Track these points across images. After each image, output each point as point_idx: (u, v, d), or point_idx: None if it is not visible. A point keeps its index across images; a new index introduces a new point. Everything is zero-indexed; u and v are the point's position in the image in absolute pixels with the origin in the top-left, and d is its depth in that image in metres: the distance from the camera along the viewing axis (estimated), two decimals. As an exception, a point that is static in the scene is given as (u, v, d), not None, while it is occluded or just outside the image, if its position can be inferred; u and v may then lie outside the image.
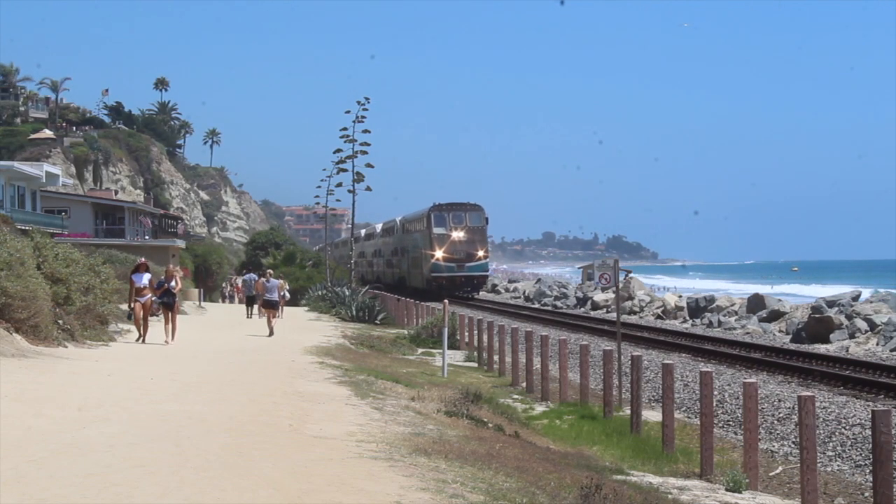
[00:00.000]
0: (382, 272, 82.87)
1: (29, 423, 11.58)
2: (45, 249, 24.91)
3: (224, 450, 10.61)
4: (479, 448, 11.81)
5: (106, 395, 14.75)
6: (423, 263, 63.20)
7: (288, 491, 8.65)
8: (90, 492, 8.26)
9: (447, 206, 62.73)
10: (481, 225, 63.14)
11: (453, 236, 61.08)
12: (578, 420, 19.26)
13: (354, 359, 24.96)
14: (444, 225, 61.68)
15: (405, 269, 70.73)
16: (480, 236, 62.74)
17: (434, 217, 62.00)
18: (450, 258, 60.76)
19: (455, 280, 61.10)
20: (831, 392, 20.00)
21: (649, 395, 21.22)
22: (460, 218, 62.14)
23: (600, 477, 11.35)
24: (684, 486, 13.43)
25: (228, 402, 14.89)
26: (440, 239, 61.13)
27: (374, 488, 8.70)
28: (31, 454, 9.75)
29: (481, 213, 63.52)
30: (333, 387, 17.71)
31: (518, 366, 25.10)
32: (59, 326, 22.64)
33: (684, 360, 25.03)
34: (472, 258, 61.34)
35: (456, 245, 60.94)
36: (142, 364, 20.36)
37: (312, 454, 10.54)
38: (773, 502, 13.21)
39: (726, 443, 17.24)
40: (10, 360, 17.46)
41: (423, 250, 63.18)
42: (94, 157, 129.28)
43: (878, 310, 37.98)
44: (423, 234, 63.42)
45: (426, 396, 17.21)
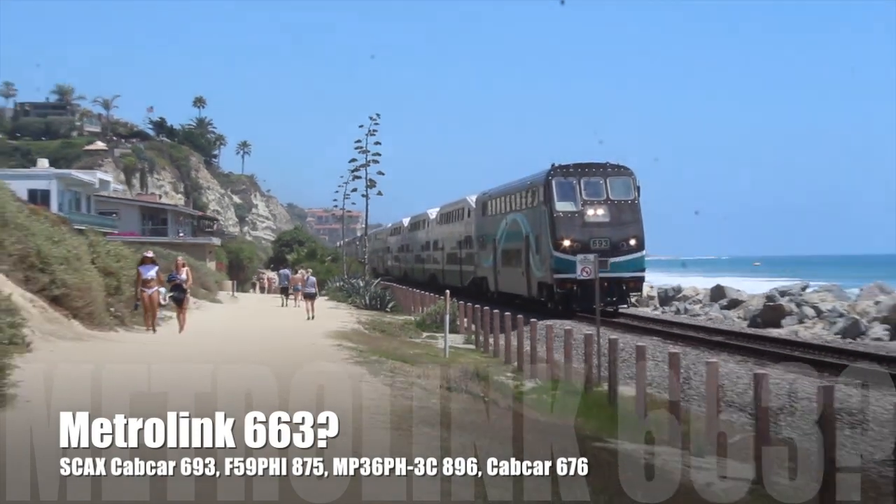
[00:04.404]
0: (439, 270, 55.06)
1: (84, 396, 11.60)
2: (98, 246, 24.94)
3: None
4: (477, 419, 11.82)
5: (152, 371, 14.75)
6: (533, 258, 35.32)
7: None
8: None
9: (576, 168, 34.23)
10: (631, 197, 33.82)
11: (588, 215, 33.37)
12: (563, 395, 19.24)
13: (368, 342, 24.95)
14: (572, 197, 33.66)
15: (490, 267, 41.95)
16: (631, 215, 33.58)
17: (557, 185, 33.69)
18: (584, 249, 30.68)
19: (593, 284, 26.59)
20: (783, 370, 19.99)
21: (624, 374, 21.19)
22: (597, 187, 33.78)
23: (582, 444, 11.37)
24: (655, 452, 13.45)
25: (257, 381, 14.88)
26: (567, 220, 33.35)
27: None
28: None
29: (630, 178, 34.20)
30: (350, 366, 17.71)
31: (510, 348, 25.10)
32: (110, 314, 22.70)
33: (655, 343, 25.00)
34: (620, 249, 33.00)
35: (593, 229, 33.23)
36: (184, 346, 20.36)
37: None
38: (731, 466, 13.22)
39: (691, 414, 17.23)
40: (68, 343, 17.50)
41: (533, 238, 35.30)
42: (141, 166, 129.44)
43: (824, 299, 38.06)
44: (535, 212, 35.12)
45: (430, 374, 17.20)
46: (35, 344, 13.75)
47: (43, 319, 18.03)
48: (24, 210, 23.06)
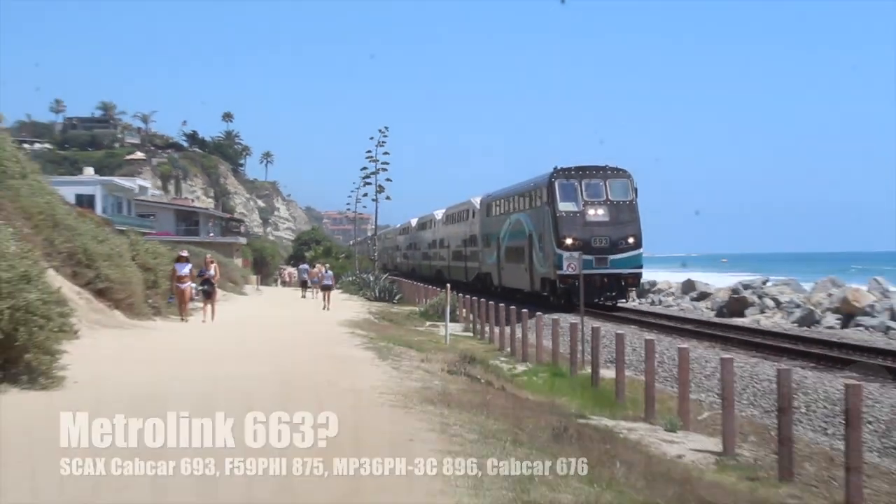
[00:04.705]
0: (445, 267, 53.82)
1: (126, 377, 11.61)
2: (137, 245, 24.96)
3: (273, 398, 10.62)
4: (474, 398, 11.82)
5: (188, 356, 14.78)
6: (536, 255, 34.02)
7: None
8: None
9: (577, 170, 32.81)
10: (629, 198, 32.49)
11: (589, 215, 32.07)
12: (550, 377, 19.25)
13: (377, 329, 24.97)
14: (573, 198, 32.34)
15: (494, 264, 40.57)
16: (629, 214, 32.34)
17: (560, 187, 32.29)
18: (585, 247, 30.24)
19: (593, 280, 30.61)
20: (746, 354, 19.97)
21: (605, 358, 21.16)
22: (597, 188, 32.49)
23: (567, 420, 11.38)
24: (632, 428, 13.46)
25: (281, 361, 14.92)
26: (569, 220, 31.98)
27: (392, 429, 8.72)
28: (118, 396, 9.76)
29: (628, 180, 32.82)
30: (361, 351, 17.73)
31: (504, 335, 25.10)
32: (148, 305, 22.71)
33: (632, 331, 24.97)
34: (619, 247, 31.74)
35: (593, 228, 31.89)
36: (214, 331, 20.39)
37: (345, 403, 10.55)
38: (700, 440, 13.23)
39: (665, 394, 17.21)
40: (111, 330, 17.54)
41: (536, 236, 34.05)
42: (175, 174, 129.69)
43: (783, 291, 38.00)
44: (538, 212, 33.86)
45: (433, 359, 17.22)
46: (82, 332, 13.76)
47: (89, 310, 18.05)
48: (73, 213, 23.06)
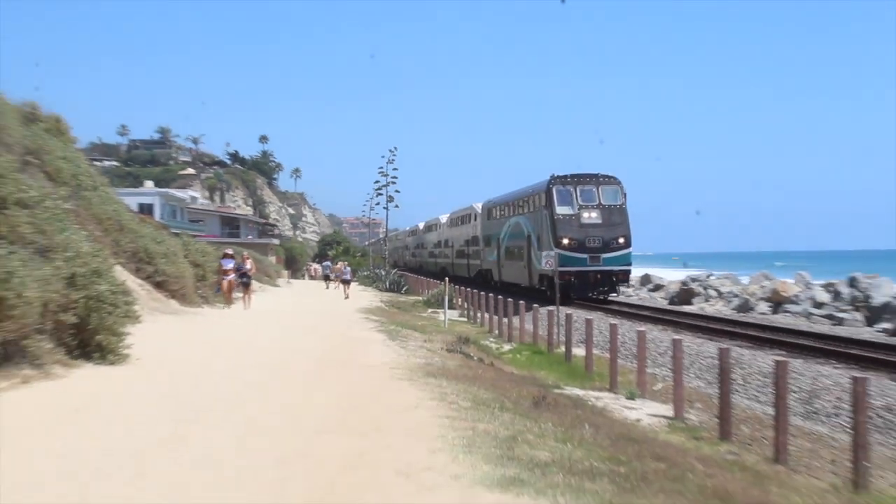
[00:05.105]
0: (449, 264, 51.72)
1: (181, 354, 11.62)
2: (189, 245, 24.99)
3: (301, 373, 10.66)
4: (468, 373, 11.86)
5: (231, 336, 14.79)
6: (535, 254, 31.93)
7: (340, 397, 8.70)
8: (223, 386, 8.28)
9: (572, 178, 31.07)
10: (620, 203, 30.68)
11: (584, 217, 30.16)
12: (531, 354, 19.30)
13: (387, 315, 25.02)
14: (569, 203, 30.44)
15: (494, 261, 38.86)
16: (620, 217, 30.48)
17: (557, 192, 30.43)
18: (580, 247, 29.59)
19: (587, 276, 29.73)
20: (693, 336, 19.98)
21: (577, 339, 21.18)
22: (591, 194, 30.63)
23: (545, 390, 11.41)
24: (599, 396, 13.50)
25: (308, 341, 14.95)
26: (566, 222, 30.13)
27: (400, 398, 8.75)
28: (180, 372, 9.79)
29: (619, 187, 31.04)
30: (374, 333, 17.75)
31: (493, 320, 25.13)
32: (198, 295, 22.70)
33: (599, 316, 24.96)
34: (611, 247, 29.97)
35: (588, 229, 30.11)
36: (254, 317, 20.40)
37: (360, 376, 10.59)
38: (655, 407, 13.26)
39: (626, 369, 17.25)
40: (168, 316, 17.55)
41: (535, 237, 32.31)
42: (220, 186, 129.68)
43: (724, 283, 37.96)
44: (537, 215, 32.14)
45: (433, 340, 17.26)
46: (143, 317, 13.76)
47: (149, 299, 18.05)
48: (135, 219, 23.07)
